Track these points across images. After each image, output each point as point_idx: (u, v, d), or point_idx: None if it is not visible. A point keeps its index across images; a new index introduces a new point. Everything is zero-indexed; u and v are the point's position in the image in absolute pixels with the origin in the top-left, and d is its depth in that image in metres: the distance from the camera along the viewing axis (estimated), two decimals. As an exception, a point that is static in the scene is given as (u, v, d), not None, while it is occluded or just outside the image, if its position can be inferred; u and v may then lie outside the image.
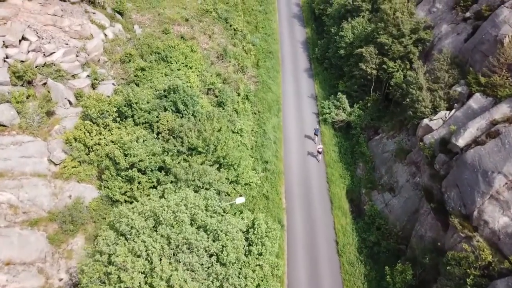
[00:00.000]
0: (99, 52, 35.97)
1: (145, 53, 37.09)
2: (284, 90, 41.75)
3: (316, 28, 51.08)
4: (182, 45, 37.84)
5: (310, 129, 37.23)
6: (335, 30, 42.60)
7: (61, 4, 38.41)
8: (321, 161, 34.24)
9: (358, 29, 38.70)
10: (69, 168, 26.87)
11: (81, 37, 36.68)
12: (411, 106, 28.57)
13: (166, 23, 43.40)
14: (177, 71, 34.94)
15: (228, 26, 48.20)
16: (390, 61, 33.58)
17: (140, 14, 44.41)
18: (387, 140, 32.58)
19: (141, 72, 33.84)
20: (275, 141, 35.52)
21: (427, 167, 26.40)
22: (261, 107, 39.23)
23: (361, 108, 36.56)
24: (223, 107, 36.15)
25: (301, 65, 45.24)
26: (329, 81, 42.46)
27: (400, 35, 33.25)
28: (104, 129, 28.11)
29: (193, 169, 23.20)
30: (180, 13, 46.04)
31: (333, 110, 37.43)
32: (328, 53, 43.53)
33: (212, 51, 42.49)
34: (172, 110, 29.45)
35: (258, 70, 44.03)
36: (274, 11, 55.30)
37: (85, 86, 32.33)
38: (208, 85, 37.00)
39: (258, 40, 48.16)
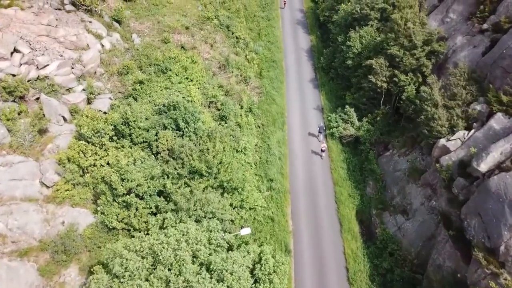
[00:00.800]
0: (96, 64, 34.31)
1: (143, 65, 35.42)
2: (288, 102, 40.08)
3: (321, 36, 49.40)
4: (183, 56, 36.18)
5: (316, 144, 35.57)
6: (342, 39, 40.95)
7: (56, 13, 36.79)
8: None
9: (366, 39, 37.04)
10: (62, 192, 25.21)
11: (77, 47, 35.03)
12: (426, 124, 26.88)
13: (165, 32, 41.73)
14: (177, 84, 33.28)
15: (230, 34, 46.56)
16: (401, 74, 31.91)
17: (139, 22, 42.75)
18: (398, 157, 30.90)
19: (139, 86, 32.18)
20: (280, 156, 33.84)
21: (444, 190, 24.72)
22: (265, 120, 37.56)
23: (370, 122, 34.89)
24: (226, 121, 34.53)
25: (306, 75, 43.58)
26: (336, 92, 40.79)
27: (412, 46, 31.59)
28: (99, 148, 26.44)
29: (195, 197, 21.53)
30: (180, 20, 44.39)
31: (340, 124, 35.76)
32: (334, 62, 41.87)
33: (214, 61, 40.82)
34: (172, 128, 27.80)
35: (262, 80, 42.36)
36: (277, 17, 53.63)
37: (80, 101, 30.67)
38: (210, 98, 35.35)
39: (261, 49, 46.52)
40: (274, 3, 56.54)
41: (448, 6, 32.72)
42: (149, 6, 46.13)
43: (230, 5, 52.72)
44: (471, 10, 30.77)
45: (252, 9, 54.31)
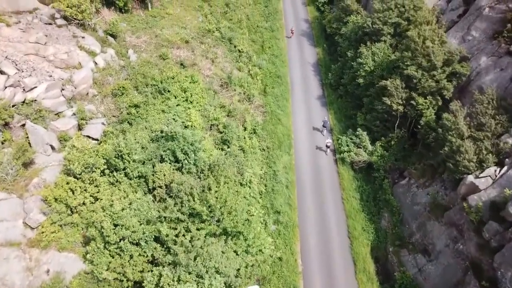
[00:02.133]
0: (88, 84, 31.75)
1: (140, 85, 32.87)
2: (295, 122, 37.54)
3: (328, 48, 46.90)
4: (182, 75, 33.63)
5: (326, 169, 33.05)
6: (352, 54, 38.45)
7: (46, 29, 34.29)
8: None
9: (379, 56, 34.55)
10: (47, 234, 22.64)
11: (68, 66, 32.49)
12: (451, 157, 24.35)
13: (164, 46, 39.21)
14: (175, 107, 30.75)
15: (232, 47, 44.06)
16: (419, 97, 29.39)
17: (136, 35, 40.22)
18: (417, 188, 28.35)
19: (134, 109, 29.63)
20: (287, 185, 31.29)
21: (473, 234, 22.20)
22: (270, 142, 35.01)
23: (384, 147, 32.37)
24: (228, 145, 32.02)
25: (313, 92, 41.06)
26: (345, 111, 38.26)
27: (431, 67, 29.09)
28: (90, 184, 23.88)
29: (195, 249, 18.98)
30: (180, 33, 41.87)
31: (352, 148, 33.21)
32: (343, 79, 39.36)
33: (215, 78, 38.28)
34: (170, 160, 25.25)
35: (266, 97, 39.83)
36: (282, 28, 51.14)
37: (70, 128, 28.10)
38: (211, 120, 32.82)
39: (264, 63, 43.99)
40: (278, 13, 54.08)
41: (469, 23, 30.22)
42: (147, 17, 43.65)
43: (232, 15, 50.29)
44: (496, 28, 28.28)
45: (255, 19, 51.83)
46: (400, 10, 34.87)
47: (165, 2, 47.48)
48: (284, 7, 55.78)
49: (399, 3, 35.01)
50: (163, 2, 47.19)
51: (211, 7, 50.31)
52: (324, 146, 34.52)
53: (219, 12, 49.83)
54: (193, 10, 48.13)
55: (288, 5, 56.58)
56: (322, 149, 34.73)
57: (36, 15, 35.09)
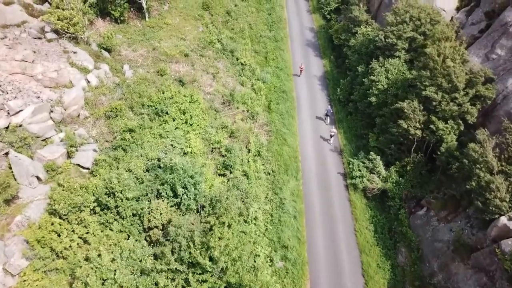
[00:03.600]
0: (79, 105, 29.34)
1: (135, 105, 30.45)
2: (302, 142, 35.10)
3: (335, 60, 44.49)
4: (181, 94, 31.23)
5: (336, 196, 30.64)
6: (362, 69, 36.03)
7: (35, 44, 31.89)
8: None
9: (393, 72, 32.14)
10: (30, 282, 20.25)
11: (58, 85, 30.09)
12: (479, 194, 21.93)
13: (162, 61, 36.79)
14: (174, 131, 28.34)
15: (234, 60, 41.62)
16: (439, 121, 26.98)
17: (132, 49, 37.78)
18: (438, 222, 25.94)
19: (129, 134, 27.20)
20: (295, 215, 28.88)
21: (507, 284, 19.77)
22: (276, 165, 32.58)
23: (399, 172, 29.97)
24: (231, 171, 29.63)
25: (321, 109, 38.61)
26: (355, 129, 35.83)
27: (452, 89, 26.70)
28: (78, 225, 21.47)
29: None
30: (179, 46, 39.44)
31: (364, 173, 30.78)
32: (352, 95, 36.93)
33: (217, 96, 35.84)
34: (167, 195, 22.84)
35: (270, 114, 37.38)
36: (286, 38, 48.70)
37: (59, 156, 25.65)
38: (212, 144, 30.41)
39: (269, 76, 41.54)
40: (282, 21, 51.63)
41: (494, 40, 27.80)
42: (144, 28, 41.23)
43: (234, 24, 47.87)
44: (524, 47, 25.89)
45: (258, 28, 49.38)
46: (415, 24, 32.44)
47: (163, 11, 45.09)
48: (288, 15, 53.35)
49: (414, 16, 32.58)
50: (162, 12, 44.78)
51: (212, 15, 47.87)
52: (328, 136, 35.17)
53: (220, 21, 47.41)
54: (192, 19, 45.69)
55: (293, 12, 54.14)
56: (326, 138, 35.33)
57: (24, 29, 32.69)
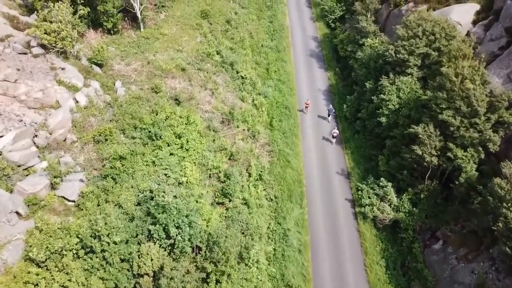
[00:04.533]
0: (66, 129, 27.09)
1: (127, 127, 28.20)
2: (306, 165, 32.80)
3: (341, 72, 42.18)
4: (176, 115, 28.98)
5: (344, 226, 28.38)
6: (371, 86, 33.74)
7: (19, 60, 29.67)
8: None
9: (404, 91, 29.85)
10: None
11: (43, 106, 27.89)
12: (507, 238, 19.66)
13: (157, 76, 34.53)
14: (168, 157, 26.08)
15: (234, 74, 39.36)
16: (457, 149, 24.69)
17: (125, 62, 35.53)
18: (457, 261, 23.67)
19: (119, 162, 24.93)
20: (300, 248, 26.63)
21: None
22: (279, 190, 30.33)
23: (412, 200, 27.70)
24: (230, 199, 27.42)
25: (326, 127, 36.28)
26: (363, 150, 33.53)
27: (472, 113, 24.41)
28: (59, 272, 19.22)
29: None
30: (175, 59, 37.18)
31: (374, 201, 28.51)
32: (360, 112, 34.64)
33: (216, 114, 33.57)
34: (159, 237, 20.58)
35: (272, 132, 35.10)
36: (288, 48, 46.40)
37: (41, 189, 23.39)
38: (210, 169, 28.16)
39: (270, 90, 39.25)
40: (284, 30, 49.36)
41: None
42: (139, 39, 39.01)
43: (234, 33, 45.64)
44: (552, 69, 23.60)
45: (259, 37, 47.13)
46: (429, 39, 30.12)
47: (159, 20, 42.85)
48: (290, 23, 51.04)
49: (427, 30, 30.25)
50: (158, 21, 42.55)
51: (211, 24, 45.64)
52: (330, 136, 34.65)
53: (219, 31, 45.16)
54: (190, 29, 43.44)
55: (295, 20, 51.85)
56: (328, 139, 34.84)
57: (8, 44, 30.47)
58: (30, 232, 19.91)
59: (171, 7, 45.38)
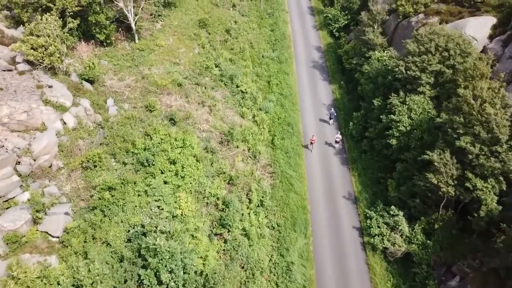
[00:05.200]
0: (52, 154, 25.06)
1: (118, 152, 26.18)
2: (311, 188, 30.75)
3: (346, 85, 40.16)
4: (171, 137, 26.97)
5: (352, 259, 26.34)
6: (379, 103, 31.71)
7: (3, 78, 27.75)
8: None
9: (416, 111, 27.84)
10: None
11: (28, 128, 25.87)
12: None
13: (151, 93, 32.50)
14: (162, 186, 24.03)
15: (234, 88, 37.36)
16: (477, 179, 22.67)
17: (118, 77, 33.52)
18: (477, 304, 21.61)
19: (109, 193, 22.90)
20: (305, 284, 24.59)
21: None
22: (281, 217, 28.32)
23: (425, 230, 25.70)
24: (229, 229, 25.37)
25: (331, 147, 34.20)
26: (371, 172, 31.49)
27: (493, 141, 22.45)
28: (37, 325, 17.20)
29: None
30: (171, 73, 35.20)
31: (384, 230, 26.48)
32: (367, 131, 32.60)
33: (214, 133, 31.56)
34: (150, 284, 18.54)
35: (274, 151, 33.06)
36: (291, 59, 44.36)
37: (22, 224, 21.36)
38: (207, 197, 26.13)
39: (272, 105, 37.22)
40: (286, 39, 47.32)
41: (540, 81, 23.48)
42: (133, 51, 37.00)
43: (233, 43, 43.65)
44: None
45: (260, 47, 45.11)
46: (442, 55, 28.12)
47: (156, 30, 40.82)
48: (293, 32, 49.01)
49: (440, 45, 28.24)
50: (154, 31, 40.51)
51: (210, 34, 43.66)
52: (333, 142, 33.98)
53: (218, 41, 43.19)
54: (188, 39, 41.45)
55: (297, 28, 49.81)
56: (332, 144, 34.16)
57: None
58: (5, 281, 17.81)
59: (168, 16, 43.37)
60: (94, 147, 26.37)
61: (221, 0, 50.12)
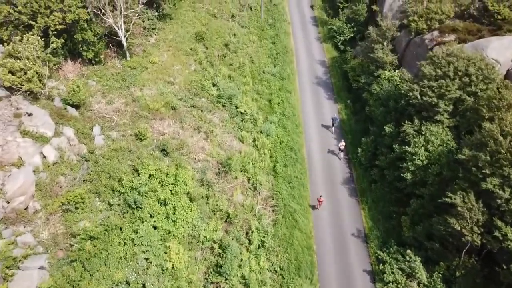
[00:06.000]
0: (28, 195, 22.42)
1: (103, 191, 23.53)
2: (316, 224, 28.08)
3: (352, 104, 37.49)
4: (162, 173, 24.33)
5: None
6: (391, 130, 29.07)
7: (-23, 106, 24.99)
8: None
9: (434, 144, 25.17)
10: None
11: (2, 165, 23.25)
12: None
13: (142, 118, 29.85)
14: (151, 233, 21.37)
15: (233, 109, 34.71)
16: (507, 228, 20.01)
17: (107, 100, 30.89)
18: None
19: (90, 243, 20.25)
20: None
21: None
22: (284, 259, 25.66)
23: (445, 277, 23.05)
24: (226, 277, 22.73)
25: (338, 174, 31.59)
26: (383, 205, 28.81)
27: (526, 184, 19.75)
28: None
29: None
30: (165, 94, 32.59)
31: (398, 277, 23.83)
32: (378, 159, 29.91)
33: (211, 162, 28.93)
34: None
35: (276, 181, 30.38)
36: (293, 75, 41.69)
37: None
38: (201, 242, 23.47)
39: (273, 127, 34.55)
40: (288, 53, 44.65)
41: None
42: (124, 70, 34.42)
43: (232, 58, 40.99)
44: None
45: (260, 62, 42.45)
46: (462, 81, 25.46)
47: (149, 45, 38.17)
48: (295, 45, 46.29)
49: (460, 69, 25.58)
50: (147, 46, 37.85)
51: (207, 49, 40.99)
52: (337, 149, 32.86)
53: (216, 56, 40.53)
54: (184, 54, 38.80)
55: (300, 40, 47.10)
56: (335, 152, 33.06)
57: (-35, 86, 25.87)
58: None
59: (163, 29, 40.72)
60: (77, 184, 23.71)
61: (219, 11, 47.45)
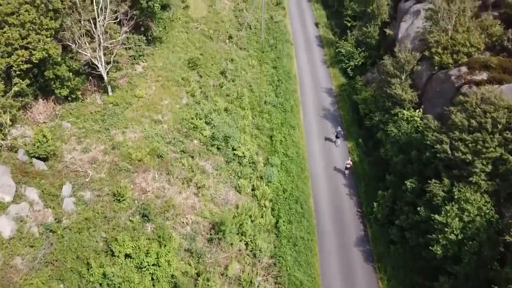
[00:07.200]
0: (-27, 287, 18.10)
1: (68, 278, 19.18)
2: (327, 300, 23.80)
3: (364, 143, 33.21)
4: (141, 251, 20.00)
5: None
6: (413, 186, 24.77)
7: None
8: None
9: (471, 213, 20.83)
10: None
11: None
12: None
13: (122, 171, 25.53)
14: None
15: (229, 152, 30.41)
16: None
17: (82, 147, 26.61)
18: None
19: None
20: None
21: None
22: None
23: None
24: None
25: (351, 233, 27.25)
26: (404, 273, 24.46)
27: None
28: None
29: None
30: (151, 138, 28.34)
31: None
32: (398, 219, 25.54)
33: (201, 225, 24.62)
34: None
35: (279, 241, 26.04)
36: (297, 106, 37.43)
37: None
38: None
39: (275, 172, 30.25)
40: (291, 79, 40.40)
41: None
42: (105, 107, 30.22)
43: (229, 87, 36.88)
44: None
45: (260, 91, 38.27)
46: (503, 136, 21.16)
47: (135, 75, 33.84)
48: (299, 70, 42.07)
49: (500, 121, 21.30)
50: (133, 77, 33.55)
51: (201, 77, 36.78)
52: (343, 168, 30.97)
53: (211, 86, 36.27)
54: (174, 85, 34.53)
55: (304, 65, 42.87)
56: (341, 170, 31.15)
57: None
58: None
59: (152, 55, 36.41)
60: (36, 268, 19.36)
61: (216, 31, 43.25)
